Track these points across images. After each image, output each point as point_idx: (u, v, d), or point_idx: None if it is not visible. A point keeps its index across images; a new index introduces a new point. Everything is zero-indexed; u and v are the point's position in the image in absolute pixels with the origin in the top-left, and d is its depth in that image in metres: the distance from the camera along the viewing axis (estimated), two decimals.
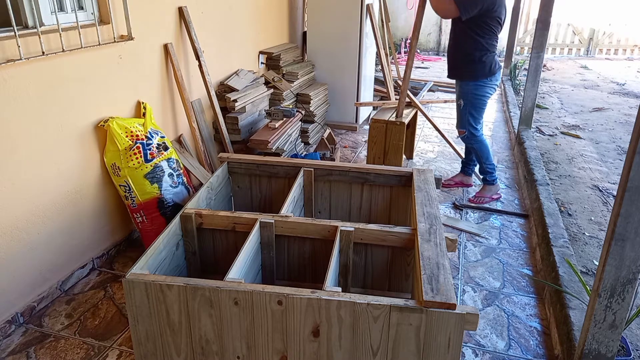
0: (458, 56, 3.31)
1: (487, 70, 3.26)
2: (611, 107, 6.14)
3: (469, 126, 3.39)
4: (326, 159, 3.91)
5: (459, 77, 3.38)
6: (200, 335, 1.64)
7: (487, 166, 3.51)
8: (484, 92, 3.32)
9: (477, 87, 3.29)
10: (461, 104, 3.38)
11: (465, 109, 3.36)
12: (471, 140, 3.45)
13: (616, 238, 1.48)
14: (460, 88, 3.38)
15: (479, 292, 2.54)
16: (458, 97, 3.42)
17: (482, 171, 3.57)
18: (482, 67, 3.24)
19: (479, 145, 3.45)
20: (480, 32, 3.17)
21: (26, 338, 2.18)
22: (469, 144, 3.49)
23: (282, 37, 4.78)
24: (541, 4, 4.18)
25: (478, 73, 3.26)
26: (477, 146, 3.46)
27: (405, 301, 1.51)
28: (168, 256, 1.94)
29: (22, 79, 2.10)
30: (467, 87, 3.32)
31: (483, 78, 3.27)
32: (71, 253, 2.52)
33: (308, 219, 2.06)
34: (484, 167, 3.53)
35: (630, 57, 10.05)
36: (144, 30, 2.78)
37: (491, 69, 3.26)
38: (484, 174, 3.55)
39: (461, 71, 3.34)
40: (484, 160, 3.50)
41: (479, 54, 3.22)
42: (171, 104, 3.17)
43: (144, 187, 2.61)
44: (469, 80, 3.30)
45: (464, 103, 3.35)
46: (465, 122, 3.39)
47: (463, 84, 3.35)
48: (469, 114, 3.36)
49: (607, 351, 1.68)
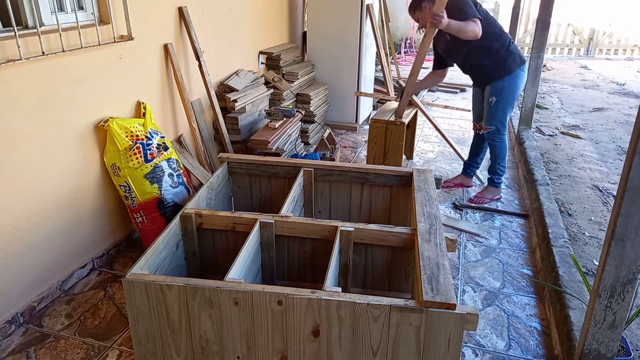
0: (486, 67, 3.19)
1: (519, 58, 3.17)
2: (611, 107, 6.13)
3: (498, 123, 3.28)
4: (326, 159, 3.91)
5: (494, 79, 3.21)
6: (200, 335, 1.64)
7: (500, 167, 3.44)
8: (519, 84, 3.23)
9: (512, 80, 3.18)
10: (492, 101, 3.23)
11: (497, 106, 3.22)
12: (495, 137, 3.34)
13: (616, 238, 1.48)
14: (492, 87, 3.23)
15: (479, 292, 2.54)
16: (489, 96, 3.25)
17: (492, 171, 3.48)
18: (512, 58, 3.14)
19: (501, 143, 3.37)
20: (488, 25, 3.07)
21: (26, 338, 2.18)
22: (493, 140, 3.37)
23: (282, 37, 4.78)
24: (541, 4, 4.19)
25: (512, 65, 3.15)
26: (499, 144, 3.37)
27: (405, 301, 1.51)
28: (168, 256, 1.94)
29: (22, 79, 2.10)
30: (501, 84, 3.19)
31: (517, 69, 3.16)
32: (71, 253, 2.52)
33: (308, 219, 2.06)
34: (496, 168, 3.45)
35: (630, 57, 10.05)
36: (144, 30, 2.78)
37: (521, 57, 3.18)
38: (493, 175, 3.48)
39: (496, 74, 3.19)
40: (500, 159, 3.41)
41: (507, 45, 3.13)
42: (171, 104, 3.17)
43: (144, 187, 2.61)
44: (504, 77, 3.17)
45: (496, 100, 3.21)
46: (494, 119, 3.27)
47: (497, 83, 3.20)
48: (501, 110, 3.23)
49: (607, 351, 1.68)
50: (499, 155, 3.40)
